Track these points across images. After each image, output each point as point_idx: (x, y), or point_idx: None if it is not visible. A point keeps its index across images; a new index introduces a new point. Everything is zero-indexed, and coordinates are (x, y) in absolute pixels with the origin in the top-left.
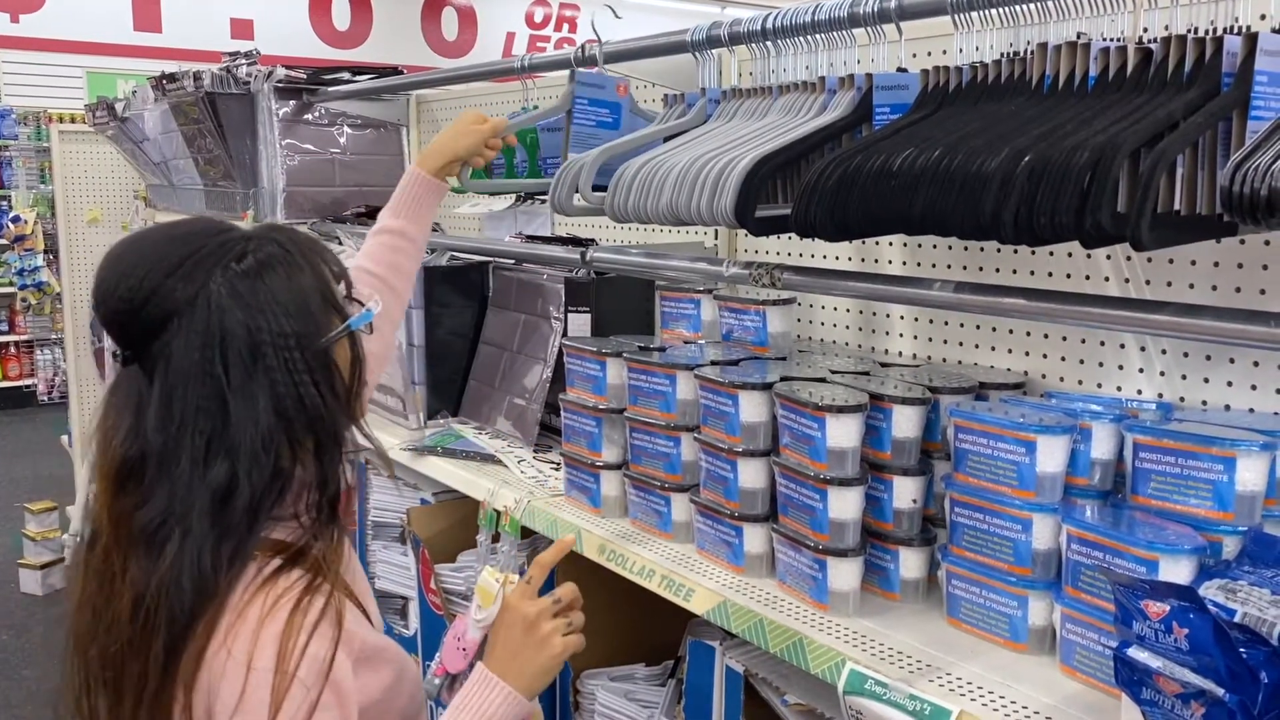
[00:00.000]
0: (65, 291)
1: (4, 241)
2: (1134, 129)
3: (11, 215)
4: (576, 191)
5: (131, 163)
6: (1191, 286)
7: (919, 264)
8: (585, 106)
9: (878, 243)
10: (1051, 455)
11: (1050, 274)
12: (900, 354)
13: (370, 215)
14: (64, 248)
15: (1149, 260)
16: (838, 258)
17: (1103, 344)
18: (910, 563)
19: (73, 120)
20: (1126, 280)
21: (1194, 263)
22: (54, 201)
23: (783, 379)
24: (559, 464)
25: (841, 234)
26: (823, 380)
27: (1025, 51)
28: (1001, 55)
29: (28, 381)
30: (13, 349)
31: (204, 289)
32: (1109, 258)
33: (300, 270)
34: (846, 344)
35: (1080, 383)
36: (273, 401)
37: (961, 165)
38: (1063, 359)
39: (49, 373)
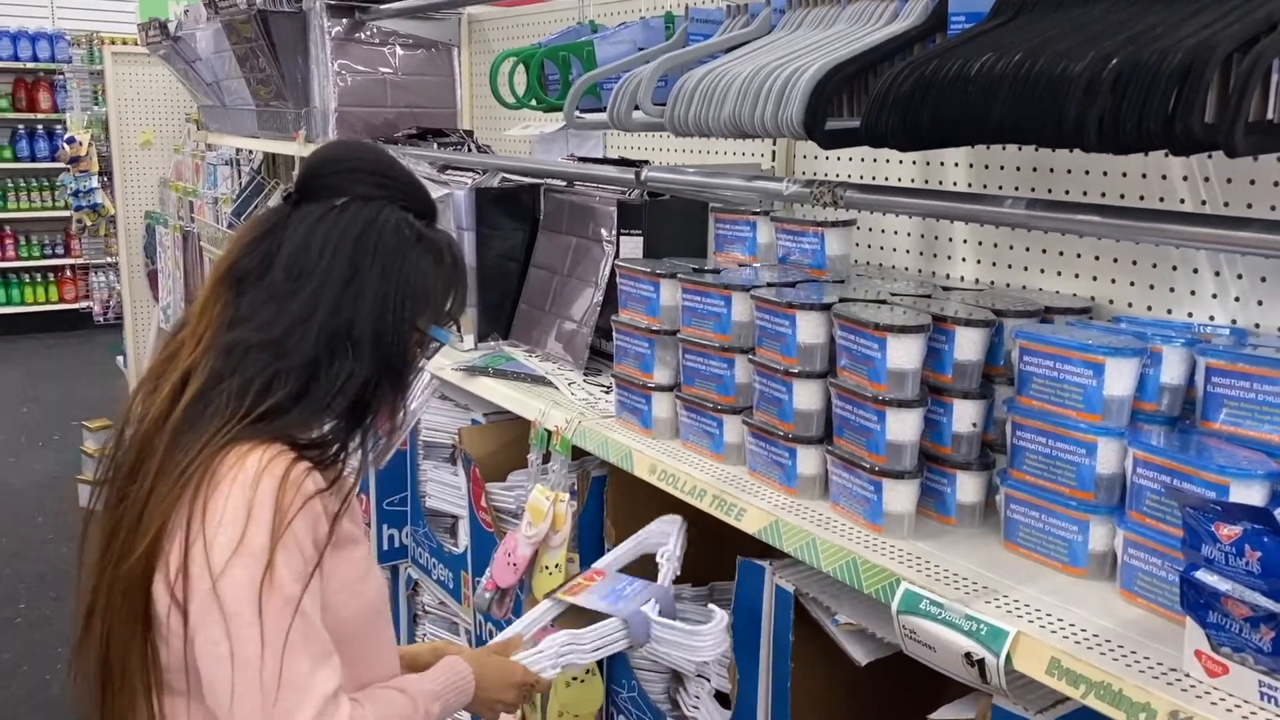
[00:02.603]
0: (119, 214)
1: (61, 164)
2: (1229, 30)
3: (67, 137)
4: (636, 108)
5: (184, 83)
6: (1273, 209)
7: (984, 185)
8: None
9: (942, 163)
10: (1120, 378)
11: (1122, 195)
12: (962, 279)
13: (421, 137)
14: (117, 170)
15: (1228, 181)
16: (900, 179)
17: (1174, 268)
18: (967, 487)
19: (124, 43)
20: (1203, 202)
21: (1277, 184)
22: (108, 124)
23: (841, 300)
24: (609, 387)
25: (914, 143)
26: (883, 303)
27: None
28: None
29: (83, 304)
30: (68, 272)
31: (382, 208)
32: (1185, 179)
33: (443, 272)
34: (906, 269)
35: (1149, 308)
36: (374, 317)
37: (1044, 69)
38: (1131, 284)
39: (104, 294)
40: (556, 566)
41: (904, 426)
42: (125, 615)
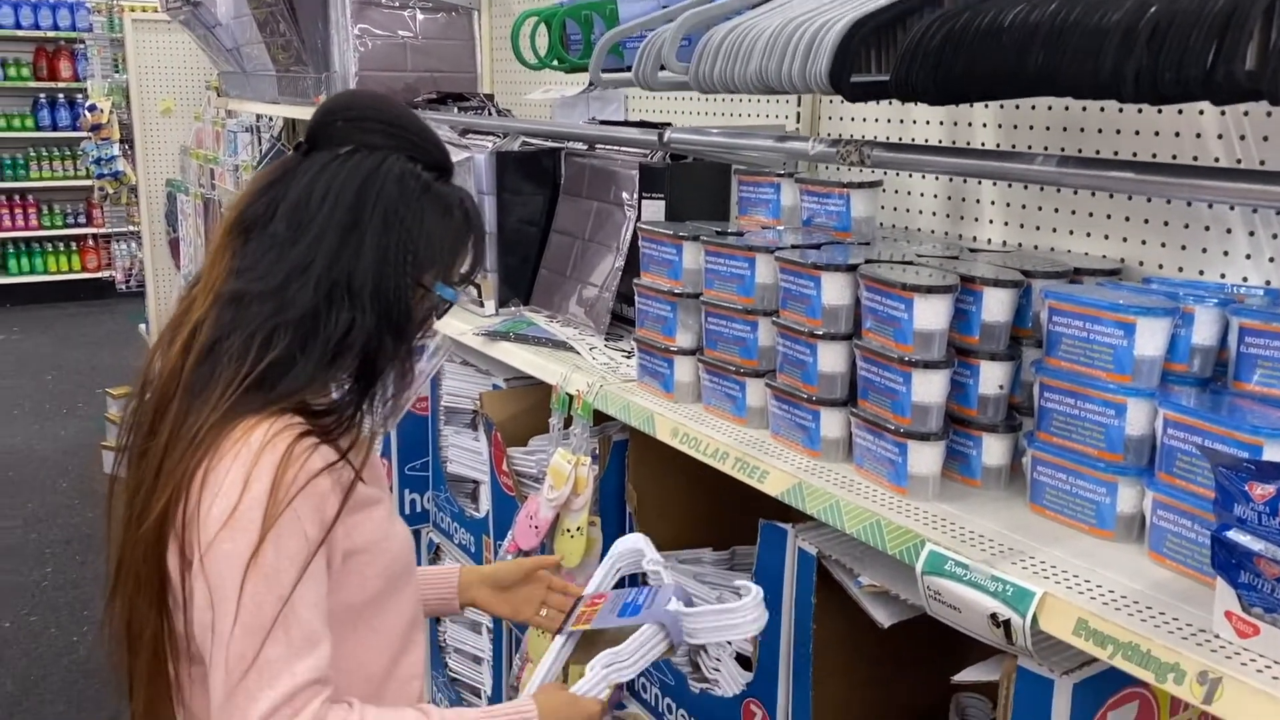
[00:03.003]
0: (141, 181)
1: (82, 133)
2: None
3: (88, 105)
4: (661, 68)
5: (204, 49)
6: None
7: (1013, 145)
8: None
9: (970, 124)
10: (1151, 338)
11: (1154, 155)
12: (989, 241)
13: (441, 101)
14: (139, 138)
15: (1265, 139)
16: (926, 140)
17: (1207, 229)
18: (994, 449)
19: (145, 10)
20: (1238, 161)
21: None
22: (128, 92)
23: (867, 262)
24: (630, 352)
25: (945, 97)
26: (909, 264)
27: None
28: None
29: (106, 274)
30: (91, 241)
31: (386, 157)
32: (1220, 137)
33: (451, 227)
34: (932, 231)
35: (1180, 269)
36: (374, 268)
37: (1079, 19)
38: (1162, 245)
39: (126, 263)
40: (579, 529)
41: (930, 388)
42: (144, 579)
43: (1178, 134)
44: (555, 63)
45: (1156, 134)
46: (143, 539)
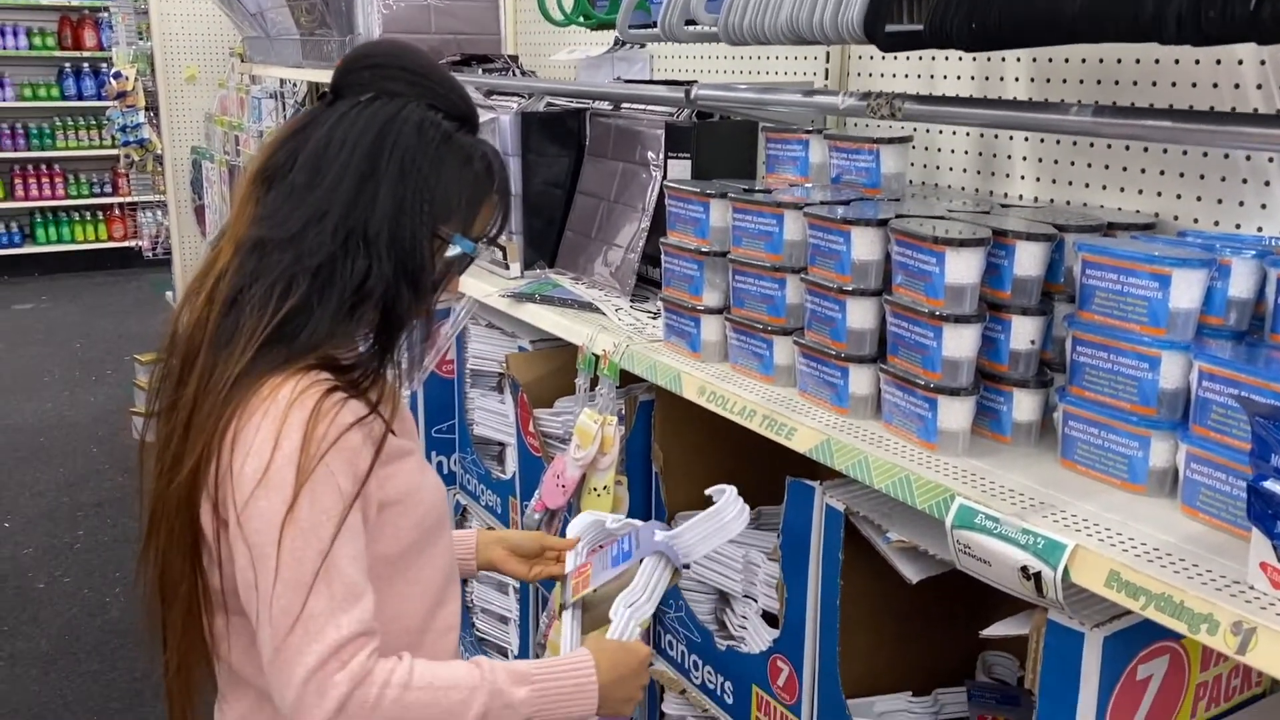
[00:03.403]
0: (166, 149)
1: (108, 102)
2: None
3: (113, 72)
4: (689, 22)
5: (228, 14)
6: None
7: (1045, 98)
8: None
9: (1001, 78)
10: (1187, 290)
11: (1191, 107)
12: (1020, 197)
13: (465, 63)
14: (163, 105)
15: None
16: (957, 95)
17: (1244, 181)
18: (1024, 405)
19: None
20: (1279, 111)
21: None
22: (153, 60)
23: (898, 216)
24: (656, 313)
25: (981, 44)
26: (940, 218)
27: None
28: None
29: (132, 242)
30: (117, 211)
31: (406, 104)
32: (1259, 87)
33: (471, 179)
34: (963, 188)
35: (1217, 223)
36: (390, 216)
37: None
38: (1198, 199)
39: (152, 231)
40: (605, 489)
41: (961, 342)
42: (177, 536)
43: (1215, 85)
44: (581, 19)
45: (1194, 85)
46: (174, 494)
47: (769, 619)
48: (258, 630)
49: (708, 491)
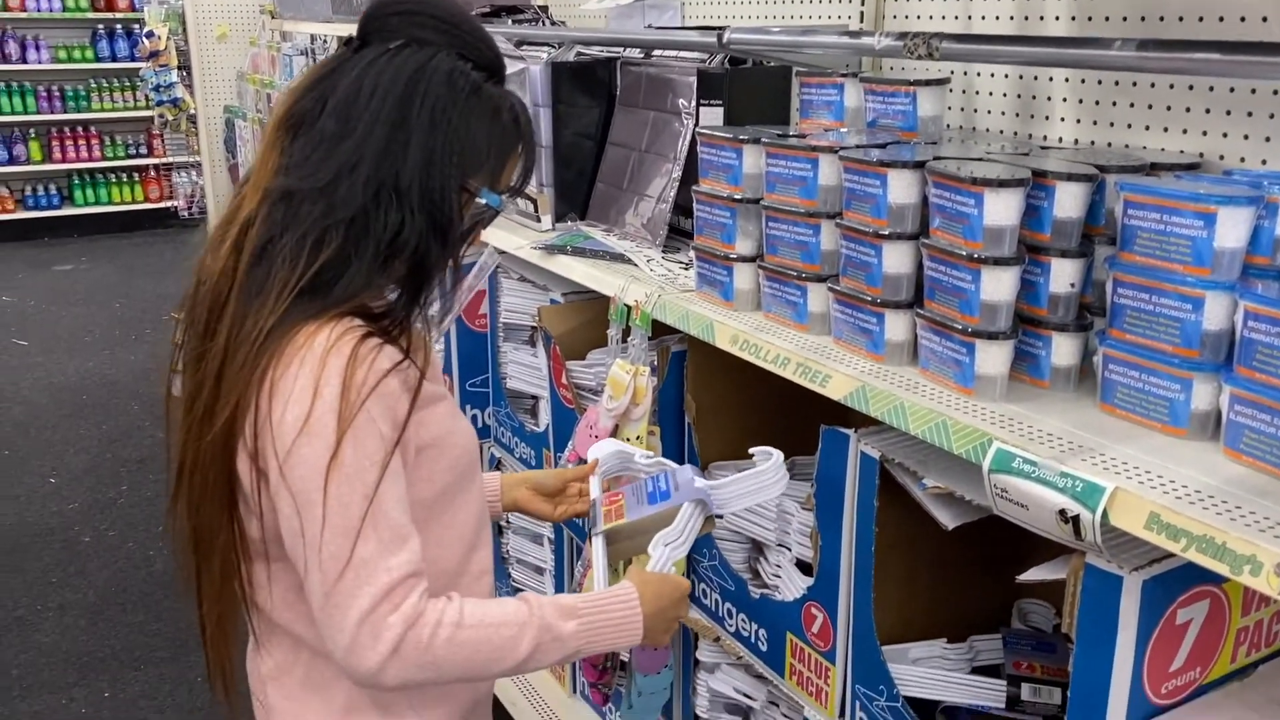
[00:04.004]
0: (199, 108)
1: (142, 62)
2: None
3: (145, 31)
4: None
5: None
6: None
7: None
8: None
9: (1041, 17)
10: (1233, 229)
11: None
12: (1061, 139)
13: (495, 14)
14: (195, 65)
15: None
16: (996, 34)
17: None
18: (1063, 349)
19: None
20: None
21: None
22: (184, 19)
23: (936, 158)
24: (688, 263)
25: None
26: (979, 160)
27: None
28: None
29: (168, 203)
30: (152, 172)
31: (436, 54)
32: None
33: (499, 131)
34: (1002, 131)
35: (1264, 162)
36: (421, 169)
37: None
38: (1245, 137)
39: (188, 191)
40: (638, 439)
41: (999, 285)
42: (212, 486)
43: (1265, 19)
44: None
45: (1243, 19)
46: (209, 446)
47: (802, 568)
48: (305, 578)
49: (752, 451)
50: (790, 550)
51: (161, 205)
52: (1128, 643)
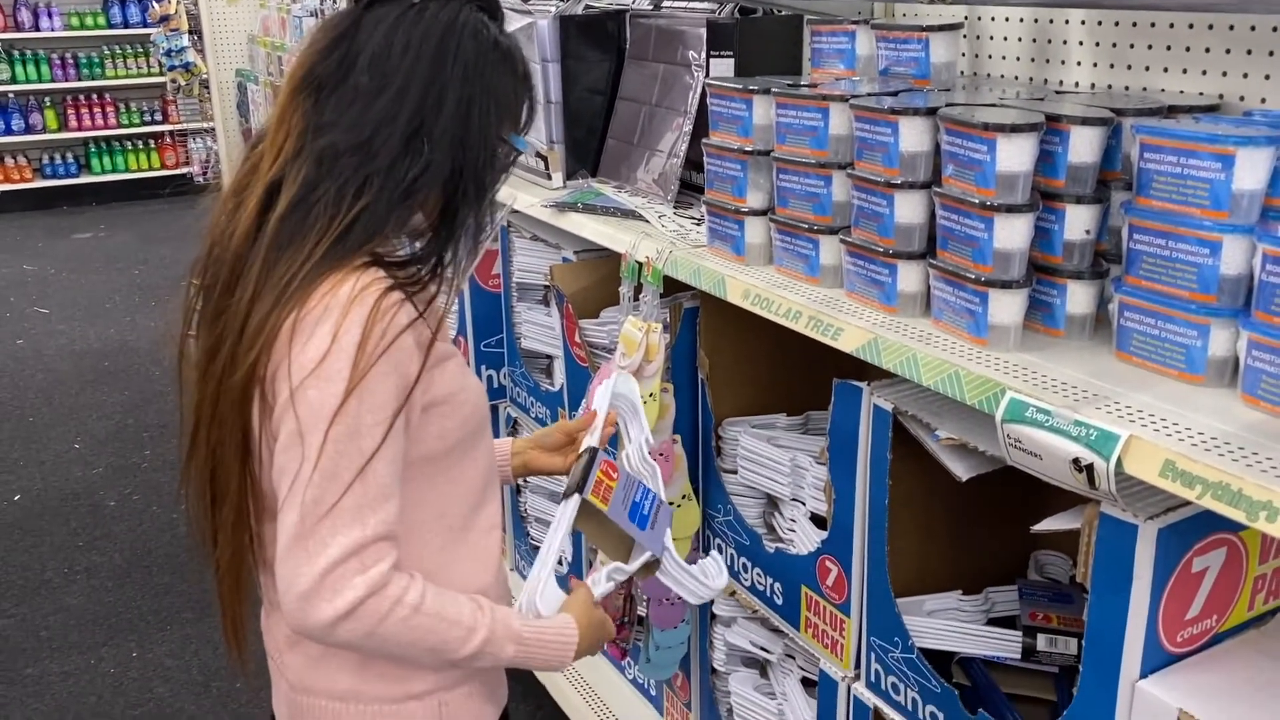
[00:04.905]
0: (211, 73)
1: (153, 27)
2: None
3: None
4: None
5: None
6: None
7: None
8: None
9: None
10: (1252, 170)
11: None
12: (1077, 84)
13: None
14: (207, 29)
15: None
16: None
17: None
18: (1079, 297)
19: None
20: None
21: None
22: None
23: (948, 105)
24: (700, 219)
25: None
26: (992, 105)
27: None
28: None
29: (185, 170)
30: (168, 139)
31: (460, 9)
32: None
33: (519, 78)
34: (1016, 77)
35: None
36: (456, 120)
37: None
38: (1267, 77)
39: (203, 156)
40: (651, 396)
41: (1013, 233)
42: (229, 432)
43: None
44: None
45: None
46: (228, 392)
47: (817, 522)
48: (280, 514)
49: (714, 556)
50: (805, 504)
51: (178, 171)
52: (1142, 591)
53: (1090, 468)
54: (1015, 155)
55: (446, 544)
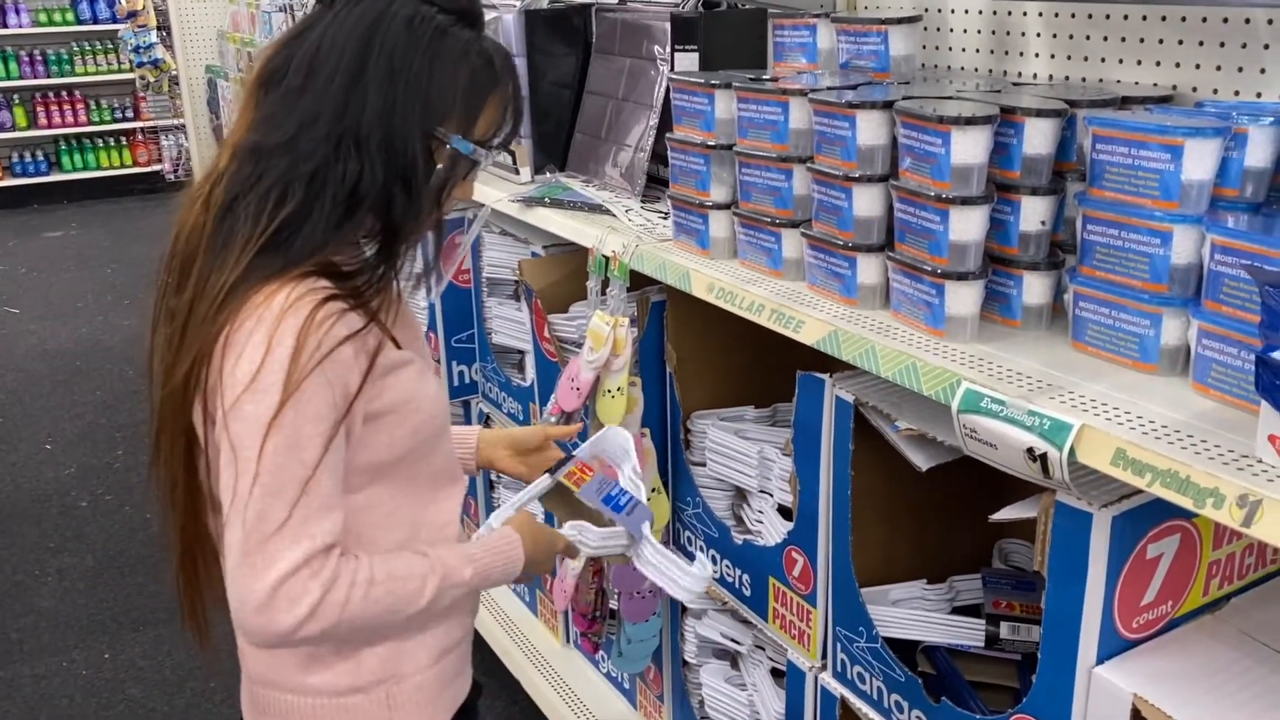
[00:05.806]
0: (181, 69)
1: (122, 24)
2: None
3: None
4: None
5: None
6: None
7: None
8: None
9: None
10: (1200, 161)
11: None
12: (1035, 76)
13: None
14: (175, 25)
15: None
16: None
17: (1267, 47)
18: (1035, 288)
19: None
20: None
21: None
22: None
23: (904, 98)
24: (667, 213)
25: None
26: (949, 99)
27: None
28: None
29: (157, 167)
30: (139, 136)
31: (394, 1)
32: None
33: (468, 75)
34: (975, 69)
35: (1237, 93)
36: (381, 118)
37: None
38: (1218, 68)
39: (174, 153)
40: (619, 390)
41: (968, 225)
42: (174, 438)
43: None
44: None
45: None
46: (170, 399)
47: (784, 513)
48: (226, 531)
49: (693, 561)
50: (772, 496)
51: (150, 169)
52: (1098, 578)
53: (1044, 457)
54: (969, 148)
55: (401, 541)
